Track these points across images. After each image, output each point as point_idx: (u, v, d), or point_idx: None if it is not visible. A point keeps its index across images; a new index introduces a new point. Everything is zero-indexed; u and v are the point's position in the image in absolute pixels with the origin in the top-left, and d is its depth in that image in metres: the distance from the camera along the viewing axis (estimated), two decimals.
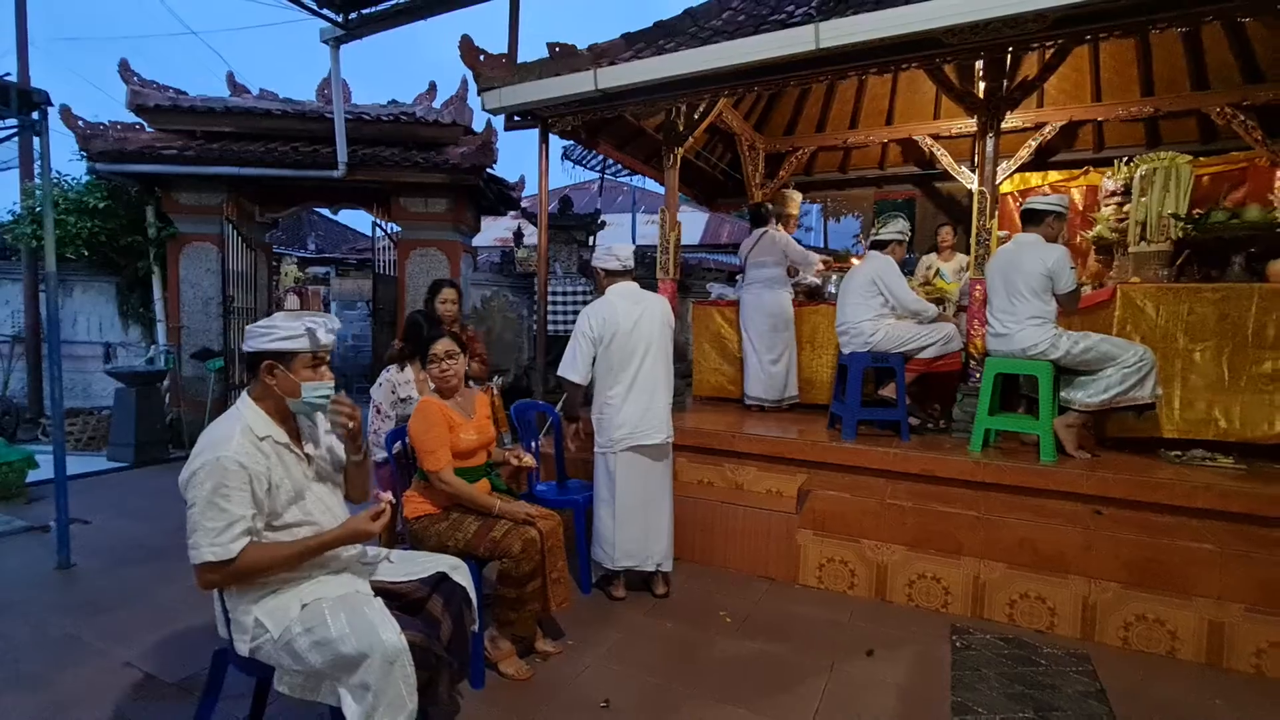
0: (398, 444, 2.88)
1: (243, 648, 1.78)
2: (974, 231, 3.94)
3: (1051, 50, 3.74)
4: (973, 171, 5.91)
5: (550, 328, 6.53)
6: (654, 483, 3.23)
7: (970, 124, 5.74)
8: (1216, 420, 3.47)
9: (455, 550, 2.52)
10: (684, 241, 15.18)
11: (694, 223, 14.24)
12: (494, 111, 4.48)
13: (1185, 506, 2.99)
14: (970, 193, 5.85)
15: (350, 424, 1.99)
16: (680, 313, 5.74)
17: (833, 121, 6.53)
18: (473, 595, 2.16)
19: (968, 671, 2.60)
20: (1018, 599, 3.03)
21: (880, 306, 3.87)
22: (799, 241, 9.22)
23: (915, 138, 6.10)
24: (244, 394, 1.90)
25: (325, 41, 5.95)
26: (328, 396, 1.88)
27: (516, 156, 6.96)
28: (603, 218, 7.13)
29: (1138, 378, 3.24)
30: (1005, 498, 3.31)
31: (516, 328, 5.33)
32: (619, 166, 6.48)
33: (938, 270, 5.60)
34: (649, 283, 4.76)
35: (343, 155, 6.15)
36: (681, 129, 4.81)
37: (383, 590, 1.95)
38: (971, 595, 3.11)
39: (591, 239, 6.99)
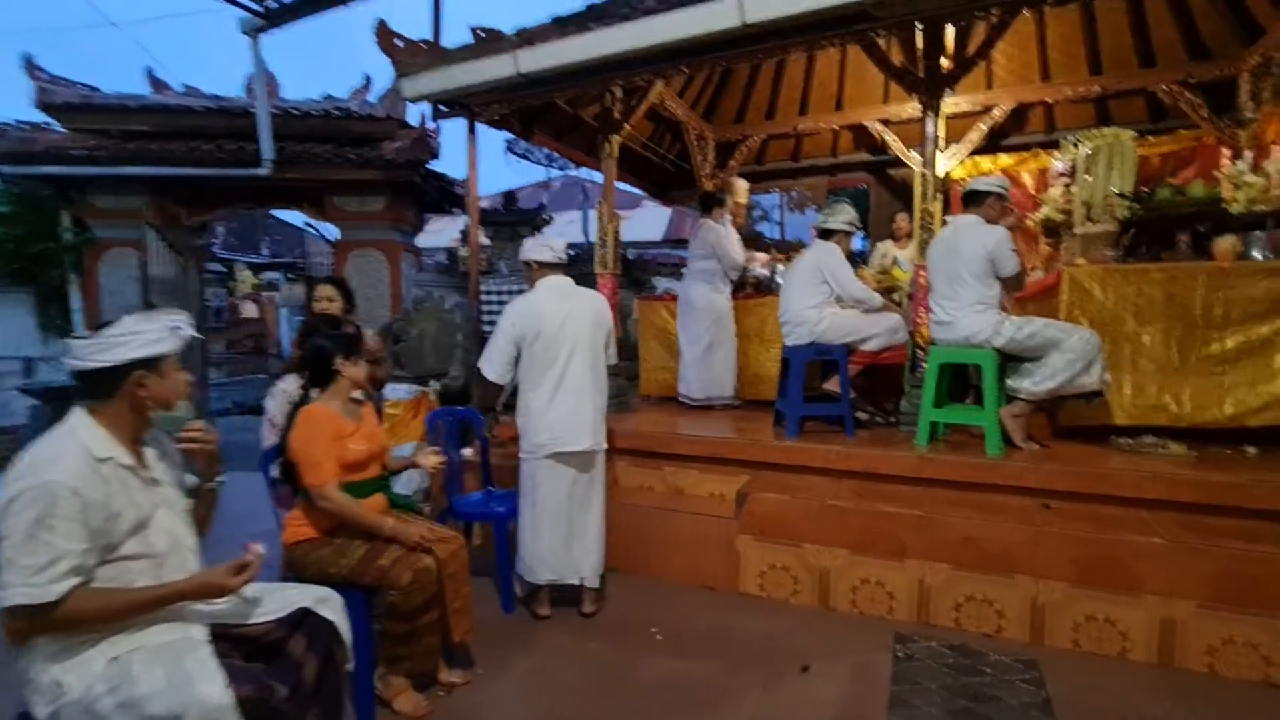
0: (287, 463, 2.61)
1: (41, 712, 1.51)
2: (917, 216, 3.77)
3: (991, 21, 3.58)
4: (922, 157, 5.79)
5: (489, 328, 6.26)
6: (580, 492, 3.00)
7: (915, 109, 5.61)
8: (1167, 405, 3.34)
9: (338, 580, 2.26)
10: (646, 237, 14.96)
11: (658, 218, 14.05)
12: (414, 99, 4.21)
13: (1135, 498, 2.84)
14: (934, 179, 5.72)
15: (207, 447, 1.74)
16: (623, 310, 5.50)
17: (782, 108, 6.35)
18: (345, 630, 1.90)
19: (908, 686, 2.42)
20: (964, 602, 2.85)
21: (825, 295, 3.68)
22: (761, 235, 9.04)
23: (865, 123, 5.93)
24: (77, 409, 1.63)
25: (245, 32, 5.61)
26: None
27: (454, 148, 6.68)
28: (549, 213, 6.88)
29: (1083, 363, 3.08)
30: (951, 494, 3.14)
31: (454, 330, 5.06)
32: (568, 160, 6.24)
33: (894, 259, 5.45)
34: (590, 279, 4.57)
35: (268, 152, 5.81)
36: (617, 116, 4.58)
37: (227, 635, 1.70)
38: (916, 600, 2.93)
39: (538, 235, 6.74)
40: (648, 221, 14.44)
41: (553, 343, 2.92)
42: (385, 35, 4.14)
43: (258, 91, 5.77)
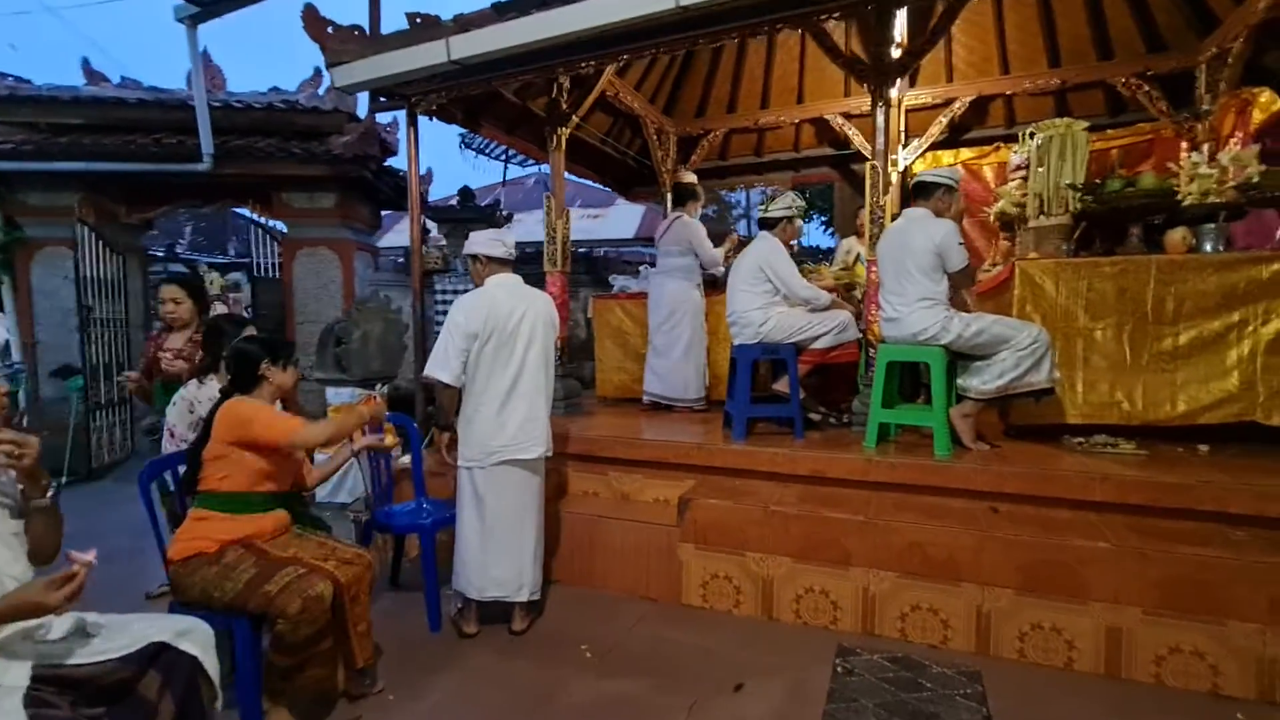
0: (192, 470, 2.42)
1: None
2: (868, 209, 3.65)
3: (939, 9, 3.46)
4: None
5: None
6: (528, 502, 2.85)
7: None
8: (1119, 403, 3.25)
9: (221, 604, 2.09)
10: (617, 235, 14.80)
11: (632, 215, 13.88)
12: (346, 89, 4.01)
13: (1083, 500, 2.74)
14: (896, 174, 5.62)
15: (23, 460, 1.55)
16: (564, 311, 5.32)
17: (743, 102, 6.22)
18: (212, 664, 1.73)
19: (843, 704, 2.28)
20: (909, 611, 2.73)
21: (769, 294, 3.55)
22: (734, 231, 8.84)
23: (826, 117, 5.82)
24: None
25: (180, 20, 5.37)
26: None
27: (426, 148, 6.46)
28: (507, 210, 6.69)
29: (1032, 361, 2.98)
30: (899, 497, 3.02)
31: (402, 331, 4.87)
32: (523, 154, 6.06)
33: (858, 255, 5.34)
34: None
35: (207, 146, 5.57)
36: (564, 108, 4.42)
37: (57, 677, 1.51)
38: (861, 609, 2.81)
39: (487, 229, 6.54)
40: (622, 219, 14.26)
41: (509, 342, 2.76)
42: (314, 21, 3.93)
43: (195, 83, 5.52)
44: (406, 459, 3.58)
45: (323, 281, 6.30)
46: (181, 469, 2.38)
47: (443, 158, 8.29)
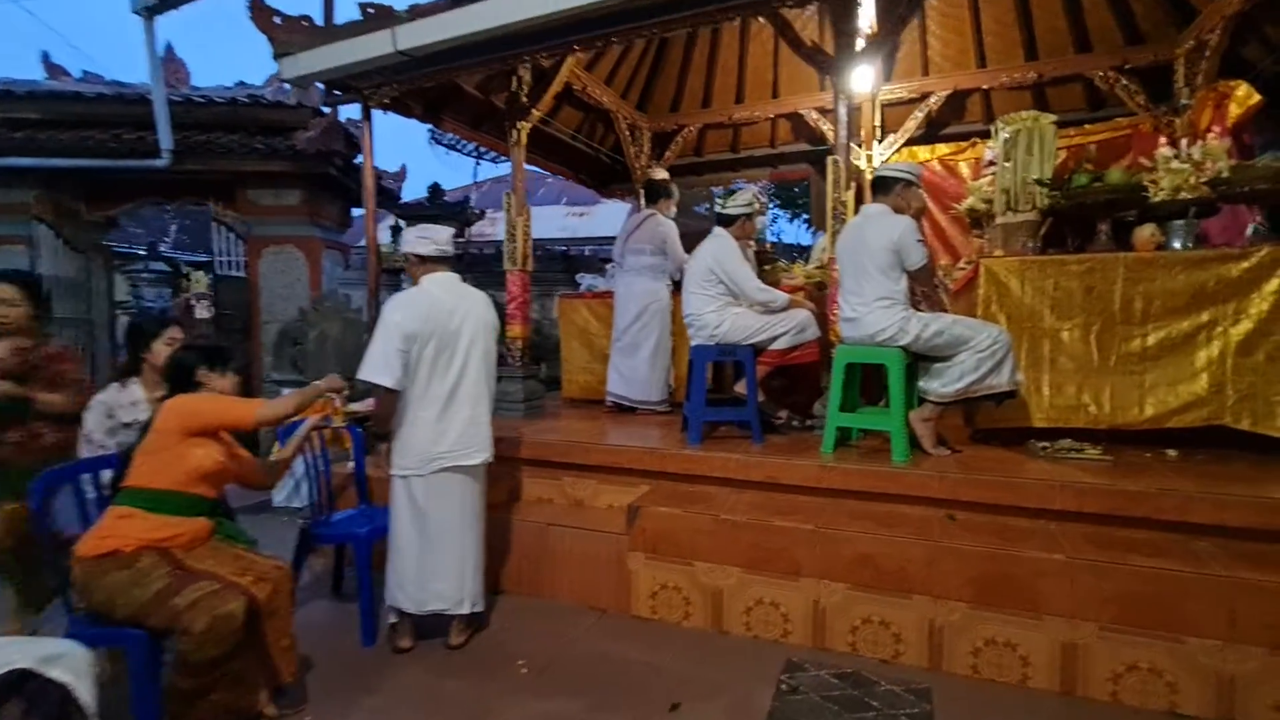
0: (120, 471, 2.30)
1: None
2: (829, 206, 3.54)
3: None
4: (860, 147, 5.57)
5: None
6: (471, 510, 2.72)
7: (856, 97, 5.39)
8: (1086, 406, 3.13)
9: (124, 615, 1.97)
10: (603, 233, 14.70)
11: (616, 213, 13.74)
12: (294, 82, 3.89)
13: (1042, 509, 2.63)
14: (864, 171, 5.50)
15: None
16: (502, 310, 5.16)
17: (718, 96, 6.10)
18: (85, 692, 1.61)
19: None
20: (860, 625, 2.62)
21: (724, 294, 3.43)
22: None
23: (801, 111, 5.70)
24: None
25: (136, 12, 5.22)
26: None
27: (392, 144, 6.35)
28: (479, 208, 6.57)
29: (993, 362, 2.86)
30: (854, 505, 2.90)
31: (361, 331, 4.74)
32: (491, 150, 5.93)
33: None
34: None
35: (166, 142, 5.43)
36: (525, 101, 4.29)
37: None
38: (812, 622, 2.70)
39: (466, 231, 6.42)
40: (608, 218, 14.13)
41: (451, 343, 2.63)
42: (261, 11, 3.80)
43: (153, 77, 5.38)
44: (352, 464, 3.46)
45: (289, 280, 6.17)
46: (107, 473, 2.28)
47: (421, 156, 8.17)
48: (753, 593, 2.79)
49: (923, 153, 5.52)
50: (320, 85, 4.08)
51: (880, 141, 5.45)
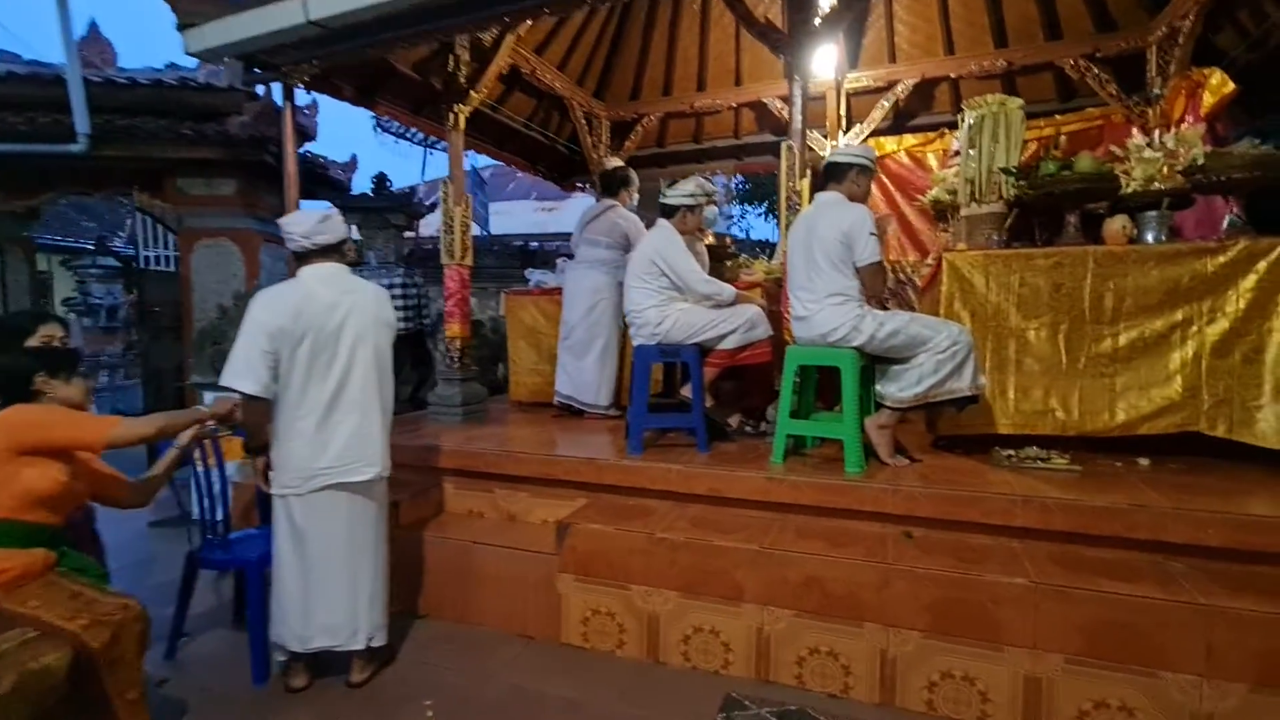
0: None
1: None
2: (783, 196, 3.29)
3: None
4: (825, 138, 5.34)
5: None
6: (362, 533, 2.41)
7: (818, 85, 5.15)
8: (1054, 411, 2.91)
9: None
10: (571, 229, 14.40)
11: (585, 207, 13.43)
12: (201, 56, 3.53)
13: (1004, 525, 2.40)
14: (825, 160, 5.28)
15: None
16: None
17: (679, 84, 5.82)
18: None
19: None
20: (807, 655, 2.37)
21: (667, 289, 3.17)
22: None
23: (765, 100, 5.45)
24: None
25: None
26: None
27: (344, 133, 5.98)
28: (432, 200, 6.23)
29: (953, 365, 2.62)
30: (804, 521, 2.66)
31: None
32: (435, 136, 5.59)
33: None
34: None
35: (82, 125, 5.02)
36: (462, 83, 3.98)
37: None
38: (755, 652, 2.44)
39: (415, 224, 6.09)
40: (578, 213, 13.84)
41: (328, 346, 2.31)
42: None
43: (67, 54, 4.97)
44: (232, 470, 3.14)
45: (224, 276, 5.78)
46: None
47: (378, 147, 7.80)
48: (691, 619, 2.53)
49: (889, 143, 5.30)
50: (238, 63, 3.73)
51: (846, 132, 5.22)
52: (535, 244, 8.45)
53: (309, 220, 2.43)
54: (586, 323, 4.04)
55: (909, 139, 5.28)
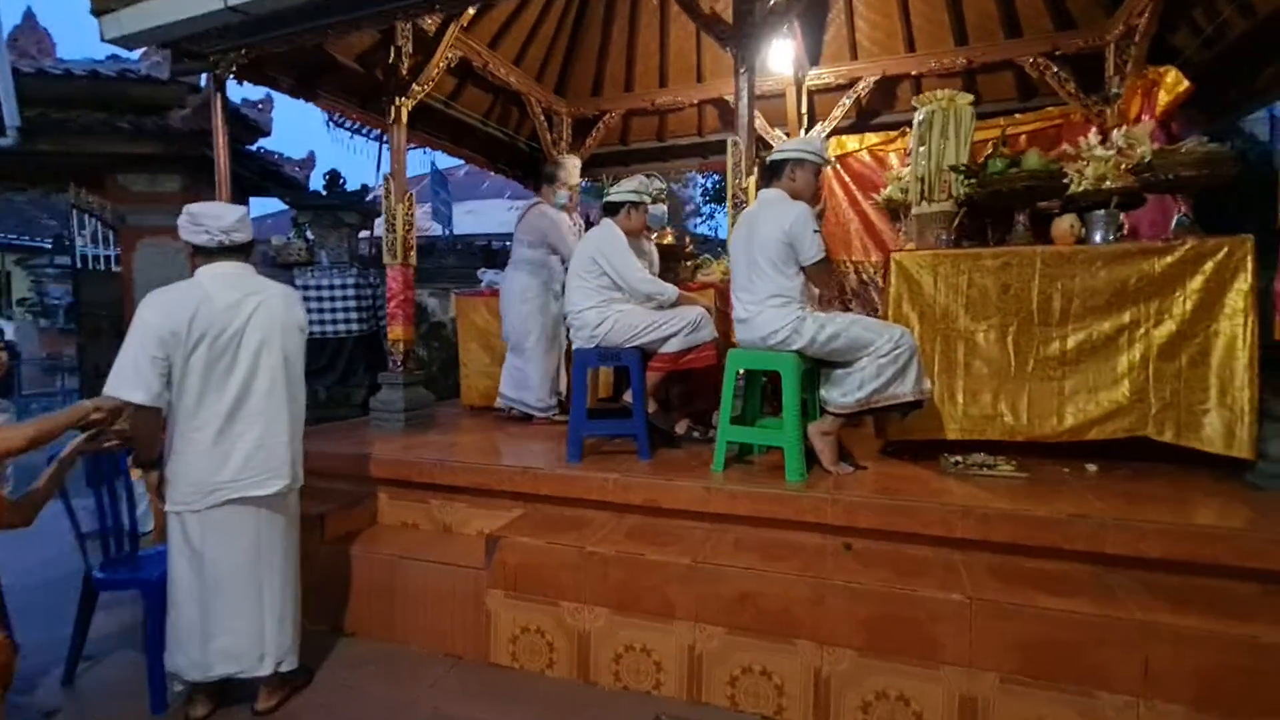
0: None
1: None
2: (729, 193, 3.18)
3: None
4: (787, 136, 5.26)
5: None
6: (269, 551, 2.25)
7: (779, 82, 5.08)
8: (1003, 416, 2.84)
9: None
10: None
11: None
12: (118, 43, 3.34)
13: (944, 537, 2.30)
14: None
15: None
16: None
17: (640, 80, 5.72)
18: None
19: None
20: (740, 674, 2.26)
21: (607, 288, 3.05)
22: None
23: (727, 97, 5.35)
24: None
25: None
26: None
27: (301, 128, 5.78)
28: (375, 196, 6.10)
29: (895, 369, 2.53)
30: (743, 533, 2.55)
31: None
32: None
33: None
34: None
35: (11, 118, 4.80)
36: (404, 75, 3.83)
37: None
38: (687, 671, 2.32)
39: (371, 223, 5.91)
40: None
41: (228, 351, 2.16)
42: None
43: None
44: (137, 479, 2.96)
45: (168, 275, 5.48)
46: None
47: (341, 144, 7.60)
48: (623, 637, 2.41)
49: (851, 142, 5.22)
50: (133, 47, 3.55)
51: (807, 130, 5.14)
52: (500, 243, 8.27)
53: (230, 214, 2.28)
54: (516, 323, 3.92)
55: (871, 137, 5.21)
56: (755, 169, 3.19)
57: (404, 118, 3.89)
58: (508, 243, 10.89)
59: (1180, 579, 2.07)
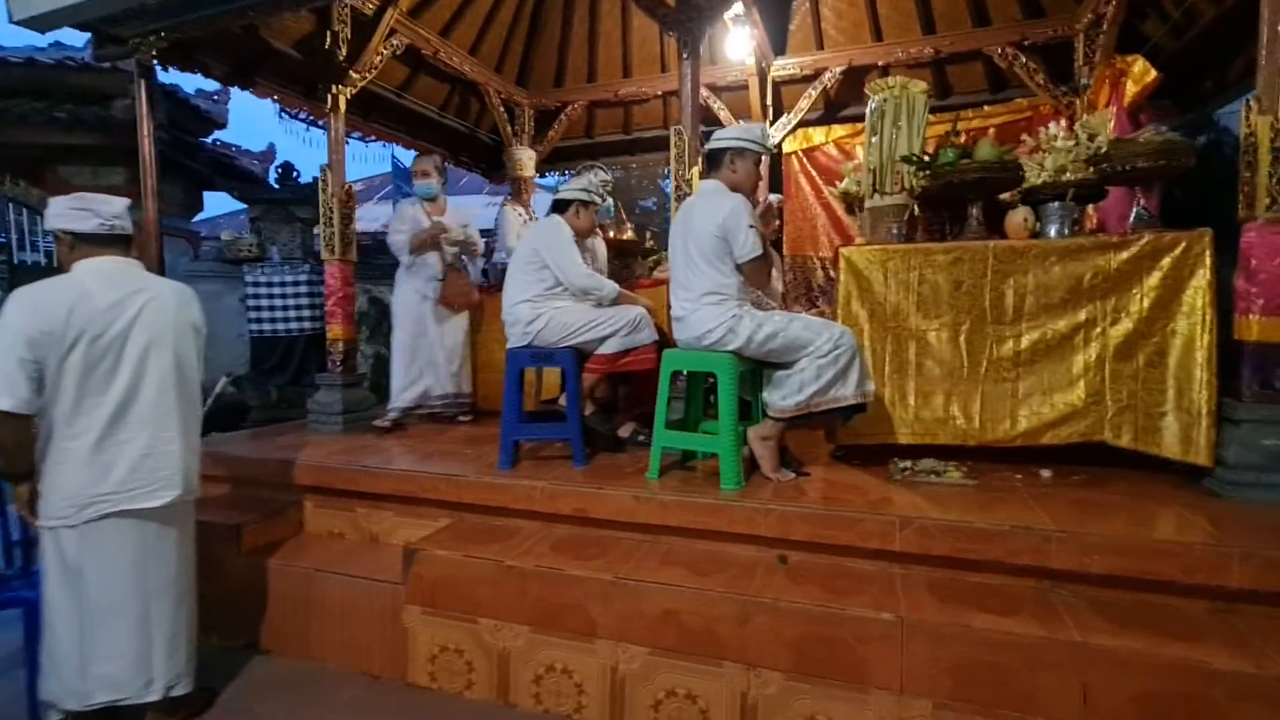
0: None
1: None
2: (673, 185, 3.03)
3: None
4: None
5: (256, 326, 5.25)
6: (158, 567, 2.08)
7: (741, 72, 4.93)
8: (955, 419, 2.70)
9: None
10: None
11: (542, 202, 13.08)
12: (28, 24, 3.15)
13: (883, 550, 2.16)
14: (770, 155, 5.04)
15: None
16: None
17: (604, 70, 5.55)
18: None
19: None
20: (664, 698, 2.11)
21: (546, 286, 2.89)
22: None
23: None
24: None
25: None
26: None
27: (262, 121, 5.58)
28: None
29: (835, 370, 2.38)
30: (675, 544, 2.40)
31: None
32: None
33: None
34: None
35: None
36: (342, 61, 3.66)
37: None
38: (609, 695, 2.17)
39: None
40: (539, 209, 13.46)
41: (110, 353, 1.98)
42: None
43: None
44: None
45: None
46: None
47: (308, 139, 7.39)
48: (543, 656, 2.26)
49: (818, 135, 5.09)
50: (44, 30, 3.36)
51: (772, 122, 5.00)
52: (486, 239, 8.05)
53: (118, 201, 2.13)
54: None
55: (838, 130, 5.07)
56: (700, 160, 3.04)
57: (342, 106, 3.72)
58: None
59: (1127, 595, 1.94)
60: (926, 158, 2.80)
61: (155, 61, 3.47)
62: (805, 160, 5.13)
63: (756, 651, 2.01)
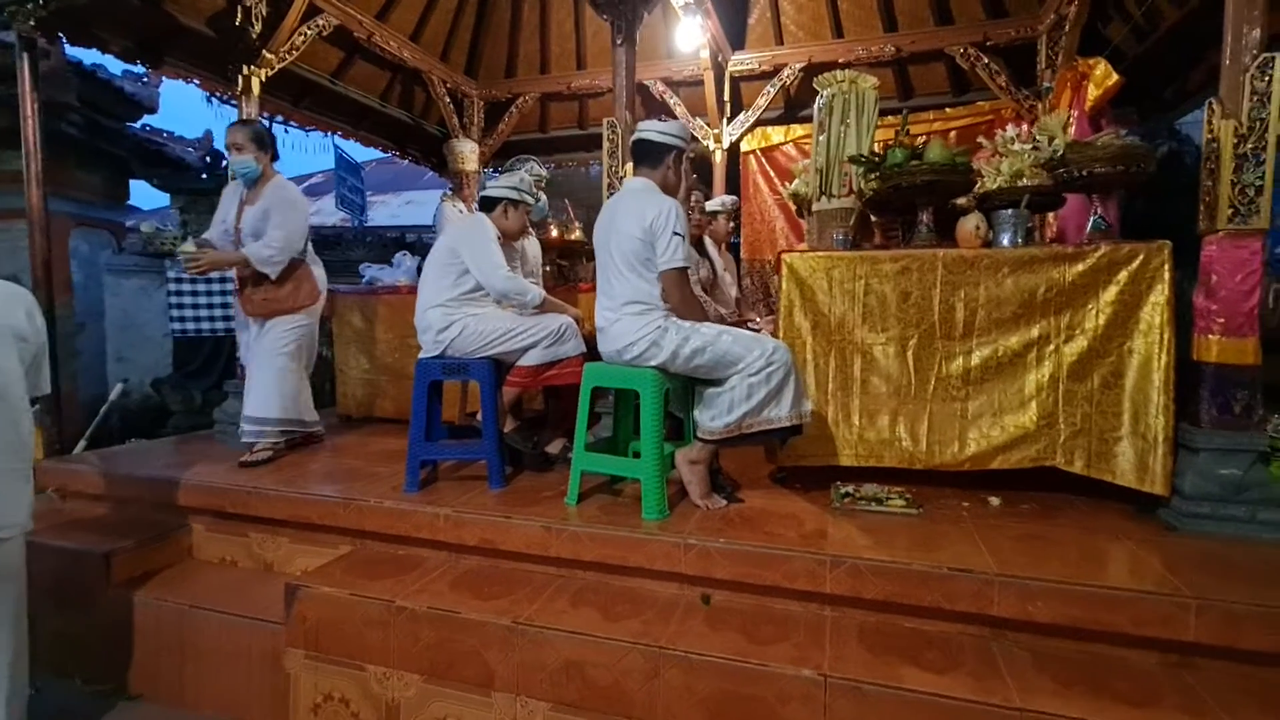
0: None
1: None
2: (604, 180, 2.79)
3: None
4: (708, 125, 4.90)
5: (179, 325, 4.89)
6: None
7: (697, 66, 4.71)
8: (901, 440, 2.50)
9: None
10: None
11: None
12: None
13: (812, 592, 1.95)
14: (721, 152, 4.84)
15: None
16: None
17: (556, 62, 5.30)
18: None
19: None
20: None
21: (463, 289, 2.63)
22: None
23: (645, 82, 4.96)
24: None
25: None
26: None
27: (192, 106, 5.19)
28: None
29: (768, 389, 2.17)
30: (591, 580, 2.17)
31: (74, 333, 3.70)
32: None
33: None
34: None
35: None
36: (255, 39, 3.35)
37: None
38: None
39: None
40: None
41: None
42: None
43: None
44: None
45: (21, 266, 4.95)
46: None
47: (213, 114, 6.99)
48: (436, 709, 2.01)
49: (777, 134, 4.89)
50: None
51: (730, 119, 4.79)
52: (414, 235, 7.74)
53: None
54: None
55: (797, 129, 4.88)
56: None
57: (255, 89, 3.43)
58: (424, 235, 10.39)
59: (1073, 645, 1.75)
60: (876, 158, 2.61)
61: (39, 34, 3.13)
62: (764, 160, 4.93)
63: (667, 709, 1.78)
